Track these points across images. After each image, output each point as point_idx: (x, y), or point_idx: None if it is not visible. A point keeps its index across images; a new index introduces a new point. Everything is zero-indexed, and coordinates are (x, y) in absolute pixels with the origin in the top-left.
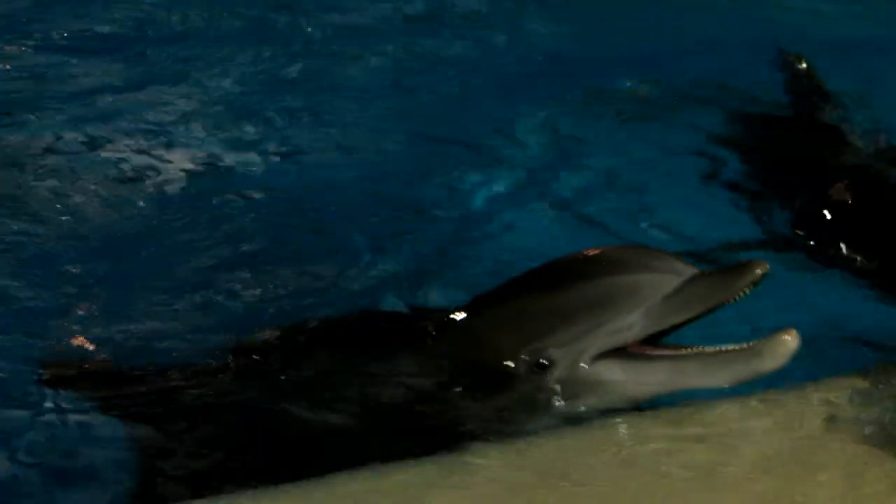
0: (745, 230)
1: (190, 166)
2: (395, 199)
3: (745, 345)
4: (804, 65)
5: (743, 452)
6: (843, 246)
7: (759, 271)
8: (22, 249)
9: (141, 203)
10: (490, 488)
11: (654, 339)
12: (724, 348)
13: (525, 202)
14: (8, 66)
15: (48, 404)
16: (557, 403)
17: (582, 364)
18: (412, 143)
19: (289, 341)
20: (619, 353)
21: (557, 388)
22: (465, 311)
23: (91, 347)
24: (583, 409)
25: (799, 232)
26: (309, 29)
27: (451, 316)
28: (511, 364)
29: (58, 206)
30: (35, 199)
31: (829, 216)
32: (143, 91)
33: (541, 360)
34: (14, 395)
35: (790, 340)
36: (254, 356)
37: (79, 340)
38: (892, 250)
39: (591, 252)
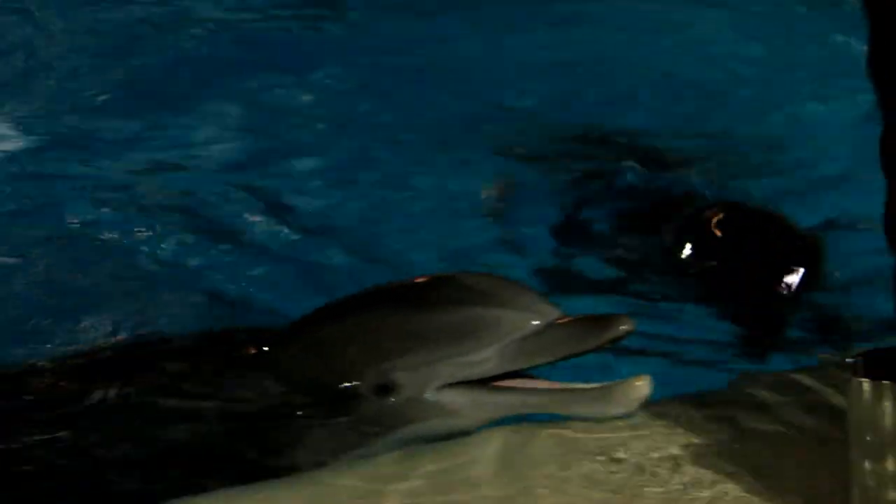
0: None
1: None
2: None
3: (598, 385)
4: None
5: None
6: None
7: (623, 328)
8: None
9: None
10: None
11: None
12: (577, 386)
13: None
14: None
15: None
16: (397, 427)
17: (427, 391)
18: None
19: (108, 362)
20: (468, 382)
21: (399, 412)
22: (309, 323)
23: None
24: (423, 433)
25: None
26: None
27: (294, 326)
28: (353, 383)
29: None
30: None
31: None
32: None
33: (384, 383)
34: None
35: (641, 387)
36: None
37: None
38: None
39: (454, 277)
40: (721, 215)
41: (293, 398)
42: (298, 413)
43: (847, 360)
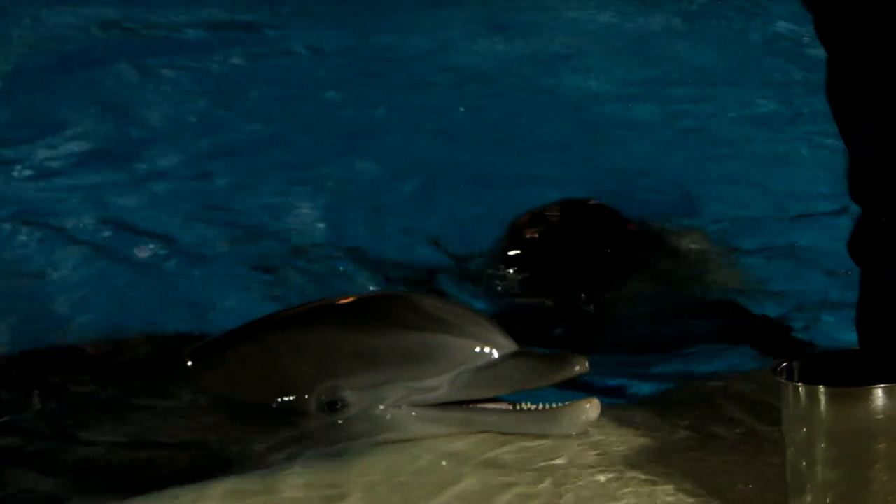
0: None
1: None
2: None
3: (547, 406)
4: None
5: None
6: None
7: (577, 368)
8: None
9: None
10: None
11: None
12: (525, 407)
13: None
14: None
15: None
16: (340, 443)
17: (376, 411)
18: None
19: (46, 365)
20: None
21: (345, 428)
22: (256, 332)
23: None
24: (368, 447)
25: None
26: None
27: (238, 334)
28: (302, 398)
29: None
30: None
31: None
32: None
33: (333, 400)
34: None
35: (590, 409)
36: None
37: None
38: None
39: (414, 298)
40: (541, 216)
41: (233, 407)
42: (239, 423)
43: (780, 364)
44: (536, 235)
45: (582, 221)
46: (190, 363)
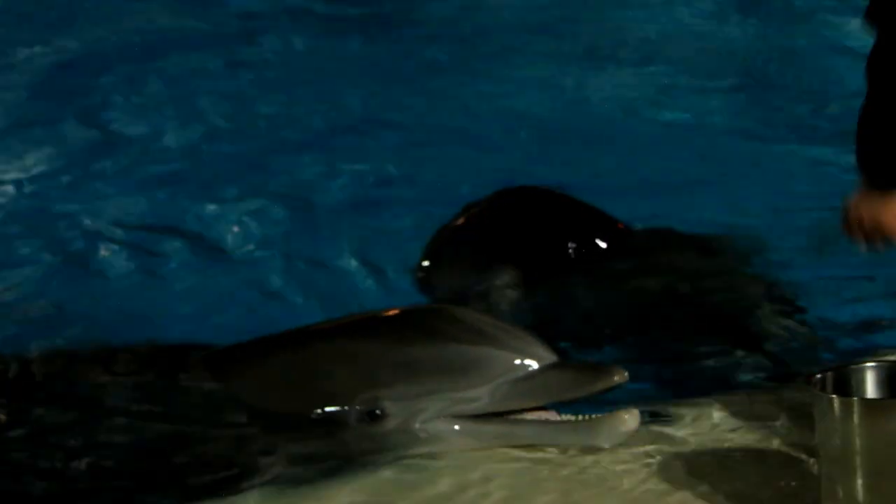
0: None
1: None
2: None
3: (586, 417)
4: None
5: None
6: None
7: (616, 379)
8: None
9: None
10: None
11: None
12: (564, 418)
13: None
14: None
15: None
16: (378, 454)
17: (415, 422)
18: None
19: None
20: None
21: (385, 439)
22: (294, 341)
23: None
24: (406, 459)
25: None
26: None
27: (274, 342)
28: (341, 408)
29: None
30: None
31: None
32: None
33: (374, 410)
34: None
35: (629, 420)
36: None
37: None
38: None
39: (454, 312)
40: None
41: (269, 416)
42: (275, 432)
43: (814, 376)
44: (461, 223)
45: (518, 210)
46: (221, 369)
